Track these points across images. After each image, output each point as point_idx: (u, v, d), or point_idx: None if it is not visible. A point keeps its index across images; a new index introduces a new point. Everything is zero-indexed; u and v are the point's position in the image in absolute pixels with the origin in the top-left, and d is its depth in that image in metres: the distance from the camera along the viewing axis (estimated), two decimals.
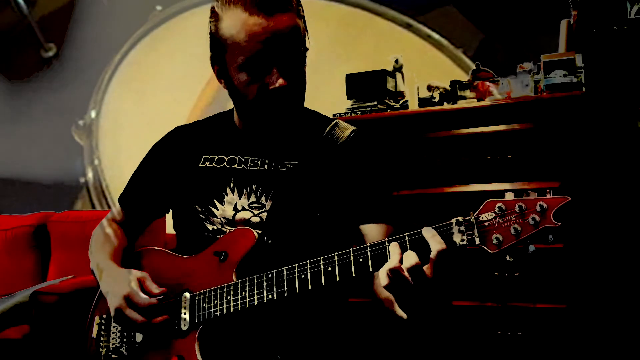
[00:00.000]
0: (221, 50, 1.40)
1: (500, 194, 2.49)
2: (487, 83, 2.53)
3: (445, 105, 2.62)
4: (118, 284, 1.44)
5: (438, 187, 2.56)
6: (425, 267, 1.17)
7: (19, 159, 4.47)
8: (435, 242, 1.17)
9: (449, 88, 2.66)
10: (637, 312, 2.20)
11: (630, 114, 2.29)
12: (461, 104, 2.60)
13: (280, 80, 1.36)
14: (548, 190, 1.12)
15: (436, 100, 2.67)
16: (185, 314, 1.40)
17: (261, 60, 1.35)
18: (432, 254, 1.16)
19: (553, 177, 2.33)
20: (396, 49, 3.02)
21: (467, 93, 2.59)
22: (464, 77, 2.70)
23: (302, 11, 1.42)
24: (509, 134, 2.44)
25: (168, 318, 1.40)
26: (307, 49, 1.43)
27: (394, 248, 1.19)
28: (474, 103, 2.56)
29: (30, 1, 4.56)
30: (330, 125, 1.54)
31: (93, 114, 4.38)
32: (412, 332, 2.50)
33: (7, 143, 4.51)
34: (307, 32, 1.42)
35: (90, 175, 4.40)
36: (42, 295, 2.77)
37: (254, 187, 1.46)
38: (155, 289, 1.42)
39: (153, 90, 4.15)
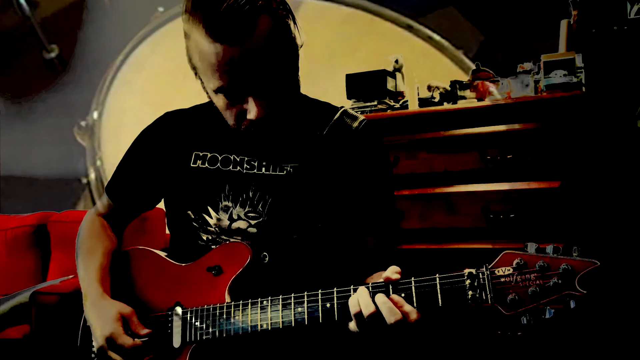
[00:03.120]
0: (195, 70, 1.30)
1: (500, 194, 2.50)
2: (487, 83, 2.53)
3: (445, 105, 2.62)
4: (101, 319, 1.36)
5: (438, 187, 2.55)
6: (350, 323, 1.14)
7: (22, 160, 4.48)
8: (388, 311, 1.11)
9: (449, 88, 2.66)
10: (637, 312, 2.19)
11: (630, 114, 2.28)
12: (461, 104, 2.59)
13: (255, 112, 1.23)
14: (575, 248, 1.03)
15: (436, 100, 2.67)
16: (176, 330, 1.34)
17: (233, 90, 1.23)
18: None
19: (553, 177, 2.33)
20: (397, 50, 3.02)
21: (467, 93, 2.59)
22: (465, 78, 2.70)
23: (283, 7, 1.24)
24: (509, 134, 2.43)
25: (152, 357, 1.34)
26: (300, 46, 1.29)
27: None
28: (474, 103, 2.55)
29: (33, 2, 4.57)
30: (340, 112, 1.43)
31: (95, 114, 4.38)
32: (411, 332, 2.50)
33: (9, 143, 4.52)
34: (296, 26, 1.27)
35: (92, 176, 4.41)
36: (42, 295, 2.76)
37: (250, 194, 1.37)
38: (141, 329, 1.34)
39: (155, 91, 4.16)
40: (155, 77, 4.20)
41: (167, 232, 3.03)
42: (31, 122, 4.49)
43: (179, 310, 1.35)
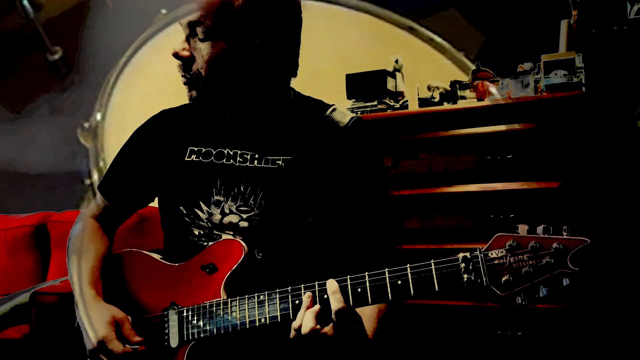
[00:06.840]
0: None
1: (500, 194, 2.49)
2: (487, 83, 2.52)
3: (445, 105, 2.61)
4: (95, 322, 1.37)
5: (438, 187, 2.54)
6: (326, 328, 1.13)
7: (24, 161, 4.49)
8: (334, 301, 1.13)
9: (449, 88, 2.65)
10: (637, 312, 2.18)
11: (630, 114, 2.28)
12: (461, 104, 2.59)
13: (185, 46, 1.42)
14: (565, 227, 1.04)
15: (436, 100, 2.67)
16: (173, 330, 1.33)
17: (192, 23, 1.42)
18: (332, 314, 1.12)
19: (553, 177, 2.32)
20: (398, 52, 3.02)
21: (467, 93, 2.59)
22: (466, 80, 2.69)
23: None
24: (509, 134, 2.43)
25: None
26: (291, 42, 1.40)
27: (306, 299, 1.17)
28: (474, 103, 2.55)
29: (36, 4, 4.59)
30: (330, 109, 1.45)
31: (98, 116, 4.40)
32: (411, 333, 2.49)
33: (12, 144, 4.53)
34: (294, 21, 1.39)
35: (95, 177, 4.42)
36: (42, 295, 2.76)
37: (242, 188, 1.37)
38: (133, 337, 1.35)
39: (158, 93, 4.16)
40: (158, 79, 4.20)
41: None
42: (34, 123, 4.50)
43: (174, 309, 1.35)
